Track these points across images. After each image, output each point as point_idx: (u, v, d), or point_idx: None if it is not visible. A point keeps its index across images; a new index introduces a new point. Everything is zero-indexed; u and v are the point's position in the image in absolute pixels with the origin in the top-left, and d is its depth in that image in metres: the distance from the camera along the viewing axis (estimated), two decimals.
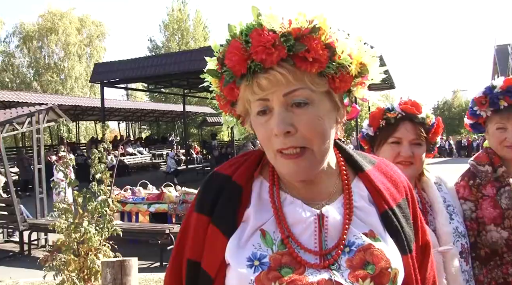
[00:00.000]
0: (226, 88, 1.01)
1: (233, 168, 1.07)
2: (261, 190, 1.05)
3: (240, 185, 1.04)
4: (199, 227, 1.03)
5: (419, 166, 1.79)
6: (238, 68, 0.95)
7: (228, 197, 1.03)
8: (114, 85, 20.30)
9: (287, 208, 1.02)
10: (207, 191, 1.07)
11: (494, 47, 32.08)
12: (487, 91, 1.95)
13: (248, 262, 0.95)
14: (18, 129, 9.36)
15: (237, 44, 0.95)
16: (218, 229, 1.01)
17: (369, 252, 0.98)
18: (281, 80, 0.94)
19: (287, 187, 1.05)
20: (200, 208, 1.05)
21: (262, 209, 1.02)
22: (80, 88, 39.21)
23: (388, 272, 0.97)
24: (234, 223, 1.01)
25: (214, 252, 1.00)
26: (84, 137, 36.57)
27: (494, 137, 1.95)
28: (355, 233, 1.00)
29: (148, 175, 17.88)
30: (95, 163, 4.19)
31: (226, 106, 1.08)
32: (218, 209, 1.02)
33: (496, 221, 1.85)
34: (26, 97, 21.05)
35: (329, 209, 1.02)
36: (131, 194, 9.31)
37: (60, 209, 3.94)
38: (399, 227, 1.05)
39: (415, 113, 1.77)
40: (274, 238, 0.98)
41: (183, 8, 41.88)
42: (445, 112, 47.70)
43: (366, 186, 1.08)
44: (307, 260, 0.96)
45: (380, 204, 1.05)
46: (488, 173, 1.94)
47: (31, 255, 8.25)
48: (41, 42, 38.86)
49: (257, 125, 1.00)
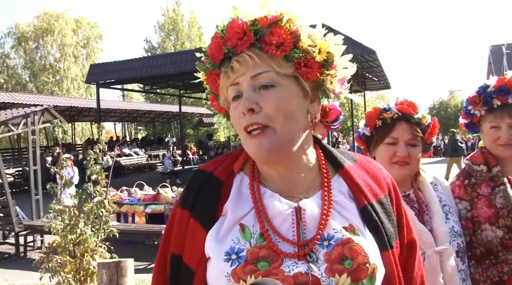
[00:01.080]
0: (210, 80, 1.11)
1: (215, 166, 1.12)
2: (241, 185, 1.08)
3: (221, 180, 1.08)
4: (182, 222, 1.07)
5: (415, 166, 1.79)
6: (216, 55, 1.05)
7: (208, 191, 1.07)
8: (110, 86, 20.27)
9: (266, 201, 1.05)
10: (190, 188, 1.11)
11: (489, 47, 32.20)
12: (480, 90, 1.95)
13: (226, 256, 0.97)
14: (13, 131, 9.32)
15: (217, 35, 1.06)
16: (198, 222, 1.04)
17: (347, 247, 0.98)
18: (248, 61, 1.01)
19: (266, 181, 1.08)
20: (183, 204, 1.09)
21: (241, 203, 1.05)
22: (76, 89, 39.12)
23: (366, 267, 0.97)
24: (213, 216, 1.04)
25: (195, 246, 1.03)
26: (80, 138, 36.47)
27: (488, 136, 1.96)
28: (335, 227, 1.01)
29: (144, 176, 17.87)
30: (91, 164, 4.18)
31: (214, 101, 1.16)
32: (199, 204, 1.06)
33: (491, 220, 1.85)
34: (22, 98, 20.99)
35: (307, 202, 1.04)
36: (127, 195, 9.30)
37: (56, 210, 3.92)
38: (379, 223, 1.06)
39: (411, 113, 1.78)
40: (253, 231, 1.00)
41: (177, 8, 41.83)
42: (441, 112, 47.88)
43: (346, 182, 1.10)
44: (284, 250, 0.97)
45: (360, 200, 1.07)
46: (483, 173, 1.95)
47: (27, 257, 8.23)
48: (37, 43, 38.75)
49: (232, 110, 1.06)
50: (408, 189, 1.83)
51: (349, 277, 0.95)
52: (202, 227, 1.03)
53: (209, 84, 1.13)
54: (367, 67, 19.84)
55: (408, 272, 1.14)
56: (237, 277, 0.94)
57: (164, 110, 33.59)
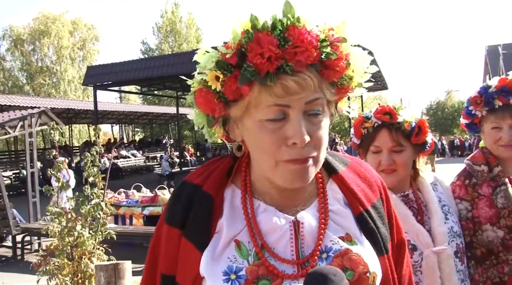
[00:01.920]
0: (232, 86, 0.89)
1: (203, 177, 1.03)
2: (233, 199, 1.01)
3: (211, 195, 1.00)
4: (171, 240, 1.00)
5: (403, 172, 1.77)
6: (267, 66, 0.86)
7: (199, 208, 0.99)
8: (107, 88, 20.25)
9: (260, 216, 0.98)
10: (176, 202, 1.03)
11: (485, 48, 32.36)
12: (482, 90, 1.95)
13: (224, 276, 0.92)
14: (10, 133, 9.29)
15: (270, 39, 0.86)
16: (191, 242, 0.97)
17: (346, 258, 0.96)
18: (310, 84, 0.88)
19: (259, 194, 1.01)
20: (171, 220, 1.01)
21: (235, 219, 0.98)
22: (73, 91, 39.12)
23: (367, 276, 0.96)
24: (207, 235, 0.97)
25: (188, 266, 0.97)
26: (78, 140, 36.43)
27: (490, 137, 1.95)
28: (332, 238, 0.98)
29: (142, 178, 17.86)
30: (88, 166, 4.16)
31: (214, 104, 0.94)
32: (190, 222, 0.98)
33: (492, 220, 1.85)
34: (19, 100, 20.97)
35: (304, 215, 1.00)
36: (125, 197, 9.29)
37: (53, 213, 3.91)
38: (375, 228, 1.04)
39: (389, 121, 1.75)
40: (249, 248, 0.95)
41: (176, 10, 41.90)
42: (438, 112, 48.03)
43: (340, 188, 1.06)
44: (283, 271, 0.93)
45: (355, 207, 1.04)
46: (484, 173, 1.94)
47: (24, 260, 8.20)
48: (33, 45, 38.73)
49: (261, 131, 0.91)
50: (407, 189, 1.83)
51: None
52: (196, 248, 0.96)
53: (227, 89, 0.90)
54: None
55: (397, 270, 1.12)
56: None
57: (161, 112, 33.58)
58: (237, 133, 0.99)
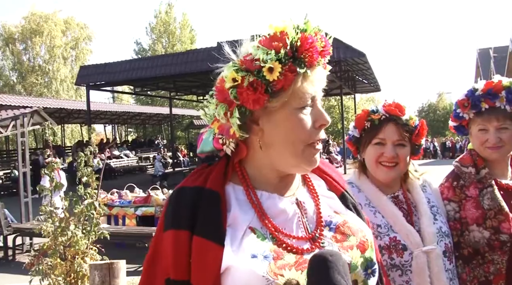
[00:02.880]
0: (287, 75, 1.01)
1: (202, 179, 1.08)
2: (236, 193, 1.09)
3: (217, 191, 1.06)
4: (180, 243, 1.01)
5: (403, 167, 1.82)
6: (314, 59, 1.05)
7: (208, 205, 1.03)
8: (100, 88, 20.14)
9: (266, 203, 1.08)
10: (179, 207, 1.05)
11: (477, 51, 32.59)
12: (469, 94, 1.99)
13: (253, 258, 0.97)
14: (2, 132, 9.22)
15: (314, 39, 1.05)
16: (208, 239, 0.99)
17: (346, 227, 1.11)
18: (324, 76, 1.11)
19: (260, 185, 1.11)
20: (177, 224, 1.03)
21: (243, 210, 1.06)
22: (65, 91, 38.81)
23: (366, 239, 1.11)
24: (221, 229, 1.00)
25: (207, 265, 0.98)
26: (70, 140, 36.15)
27: (477, 139, 1.99)
28: (329, 213, 1.14)
29: (135, 178, 17.78)
30: (81, 167, 4.15)
31: (264, 96, 1.01)
32: (201, 220, 1.01)
33: (478, 221, 1.88)
34: (10, 100, 20.76)
35: (302, 196, 1.15)
36: (118, 197, 9.25)
37: (46, 213, 3.90)
38: (356, 204, 1.22)
39: (398, 114, 1.81)
40: (264, 233, 1.03)
41: (170, 11, 41.74)
42: (430, 114, 48.20)
43: (320, 176, 1.23)
44: (299, 247, 1.04)
45: (336, 189, 1.21)
46: (471, 175, 1.98)
47: (15, 260, 8.14)
48: (25, 44, 38.37)
49: (296, 118, 1.05)
50: (397, 190, 1.86)
51: (358, 249, 1.07)
52: (216, 244, 0.98)
53: (280, 80, 1.01)
54: (357, 70, 19.97)
55: None
56: (274, 274, 0.96)
57: (154, 112, 33.42)
58: (255, 130, 1.08)
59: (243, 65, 1.03)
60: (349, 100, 34.85)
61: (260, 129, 1.08)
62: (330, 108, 41.32)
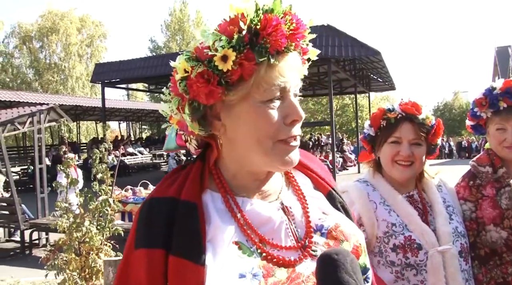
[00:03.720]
0: (243, 64, 0.87)
1: (175, 188, 0.96)
2: (215, 203, 0.96)
3: (194, 202, 0.93)
4: (154, 264, 0.90)
5: (419, 166, 1.80)
6: (279, 44, 0.89)
7: (184, 220, 0.91)
8: (115, 85, 20.32)
9: (248, 211, 0.95)
10: (151, 222, 0.93)
11: (495, 49, 32.08)
12: (487, 92, 1.97)
13: (241, 278, 0.87)
14: (19, 129, 9.36)
15: (280, 21, 0.89)
16: (186, 259, 0.87)
17: (339, 231, 1.01)
18: (300, 64, 0.96)
19: (239, 191, 0.99)
20: (148, 242, 0.91)
21: (223, 221, 0.93)
22: (80, 88, 39.29)
23: (360, 244, 1.02)
24: (200, 246, 0.88)
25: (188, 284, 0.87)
26: (85, 137, 36.59)
27: (494, 138, 1.97)
28: (319, 216, 1.03)
29: (149, 175, 17.87)
30: (97, 163, 4.20)
31: (218, 89, 0.89)
32: (177, 237, 0.89)
33: (496, 221, 1.86)
34: (27, 97, 21.11)
35: (287, 199, 1.02)
36: (132, 194, 9.32)
37: (62, 209, 3.95)
38: (344, 203, 1.11)
39: (414, 113, 1.80)
40: (250, 246, 0.92)
41: (184, 8, 41.95)
42: (445, 114, 47.64)
43: (305, 174, 1.11)
44: (290, 258, 0.94)
45: (323, 187, 1.10)
46: (488, 174, 1.96)
47: (32, 255, 8.27)
48: (42, 42, 38.91)
49: (262, 112, 0.91)
50: (412, 190, 1.85)
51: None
52: (195, 263, 0.86)
53: (240, 68, 0.88)
54: (372, 68, 19.80)
55: None
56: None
57: None
58: (217, 126, 0.96)
59: (195, 54, 0.91)
60: (364, 98, 34.61)
61: (222, 125, 0.95)
62: (344, 107, 41.10)
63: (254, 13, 0.88)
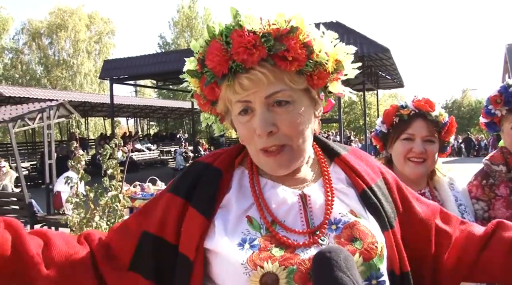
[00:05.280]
0: (207, 89, 1.04)
1: (214, 158, 1.11)
2: (242, 178, 1.08)
3: (220, 169, 1.07)
4: (171, 206, 1.04)
5: (431, 163, 1.80)
6: (219, 69, 0.98)
7: (207, 181, 1.05)
8: (123, 81, 20.41)
9: (268, 193, 1.05)
10: (184, 176, 1.10)
11: (505, 46, 31.70)
12: (502, 90, 1.94)
13: (239, 246, 0.95)
14: (29, 125, 9.43)
15: (218, 45, 0.98)
16: (197, 210, 1.01)
17: (355, 228, 1.01)
18: (263, 79, 0.96)
19: (266, 174, 1.08)
20: (175, 190, 1.07)
21: (244, 196, 1.04)
22: (89, 85, 39.49)
23: (375, 246, 1.00)
24: (213, 206, 1.02)
25: (192, 234, 1.00)
26: (93, 133, 36.79)
27: (509, 136, 1.95)
28: (340, 211, 1.04)
29: (156, 172, 17.96)
30: (106, 159, 4.22)
31: (206, 105, 1.11)
32: (197, 193, 1.04)
33: (509, 221, 1.84)
34: (37, 93, 21.24)
35: (310, 189, 1.07)
36: (140, 190, 9.36)
37: (72, 203, 3.98)
38: (378, 204, 1.09)
39: (428, 110, 1.80)
40: (261, 223, 1.00)
41: (193, 5, 41.97)
42: (454, 111, 47.24)
43: (343, 170, 1.13)
44: (295, 241, 0.98)
45: (358, 184, 1.10)
46: (502, 173, 1.94)
47: None
48: (51, 38, 39.14)
49: (238, 124, 1.04)
50: (423, 188, 1.84)
51: (361, 256, 0.97)
52: (201, 215, 1.00)
53: (204, 92, 1.06)
54: (380, 65, 19.71)
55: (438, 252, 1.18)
56: (254, 264, 0.92)
57: (176, 106, 33.69)
58: (232, 126, 1.12)
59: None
60: (372, 96, 34.44)
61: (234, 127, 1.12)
62: (352, 104, 40.95)
63: (203, 47, 1.03)
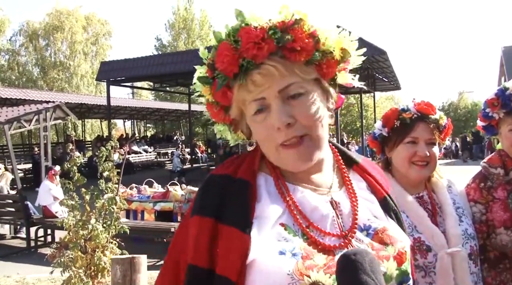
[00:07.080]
0: (219, 93, 1.03)
1: (233, 168, 1.07)
2: (267, 185, 1.05)
3: (248, 180, 1.03)
4: (203, 230, 0.99)
5: (434, 165, 1.81)
6: (230, 69, 0.98)
7: (236, 194, 1.01)
8: (120, 83, 20.38)
9: (298, 197, 1.03)
10: (207, 194, 1.04)
11: (501, 49, 31.84)
12: (499, 92, 1.94)
13: (281, 255, 0.93)
14: (25, 126, 9.41)
15: (227, 46, 0.99)
16: (234, 227, 0.96)
17: (385, 234, 1.03)
18: (274, 72, 0.97)
19: (292, 179, 1.06)
20: (203, 211, 1.01)
21: (274, 203, 1.01)
22: (86, 86, 39.41)
23: (405, 251, 1.02)
24: (248, 218, 0.98)
25: (232, 253, 0.95)
26: (90, 135, 36.70)
27: (506, 139, 1.94)
28: (368, 217, 1.05)
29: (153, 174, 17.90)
30: (103, 161, 4.21)
31: (220, 113, 1.09)
32: (229, 209, 0.99)
33: (506, 224, 1.84)
34: (33, 94, 21.21)
35: (338, 196, 1.07)
36: (137, 192, 9.34)
37: (68, 206, 3.97)
38: (398, 210, 1.13)
39: (430, 113, 1.81)
40: (295, 229, 0.98)
41: (189, 7, 41.95)
42: (450, 113, 47.35)
43: (362, 177, 1.14)
44: (329, 243, 0.98)
45: (379, 192, 1.12)
46: (500, 176, 1.93)
47: (37, 252, 8.31)
48: (47, 40, 39.06)
49: (255, 124, 1.03)
50: (422, 191, 1.84)
51: (395, 261, 0.99)
52: (241, 231, 0.95)
53: (217, 98, 1.05)
54: (377, 68, 19.76)
55: None
56: (300, 273, 0.91)
57: (173, 108, 33.70)
58: (245, 134, 1.12)
59: None
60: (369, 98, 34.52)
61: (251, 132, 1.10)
62: (349, 106, 40.98)
63: (212, 52, 1.03)
